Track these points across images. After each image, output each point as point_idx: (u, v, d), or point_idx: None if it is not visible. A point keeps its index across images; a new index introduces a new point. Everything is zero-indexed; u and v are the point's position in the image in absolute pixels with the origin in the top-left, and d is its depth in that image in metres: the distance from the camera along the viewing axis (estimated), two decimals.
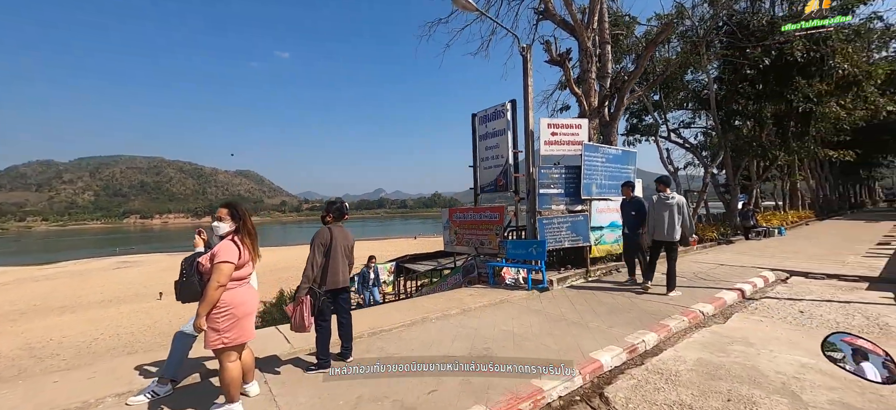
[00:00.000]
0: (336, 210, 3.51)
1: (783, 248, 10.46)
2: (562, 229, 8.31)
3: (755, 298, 5.73)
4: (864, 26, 13.48)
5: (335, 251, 3.36)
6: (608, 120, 9.86)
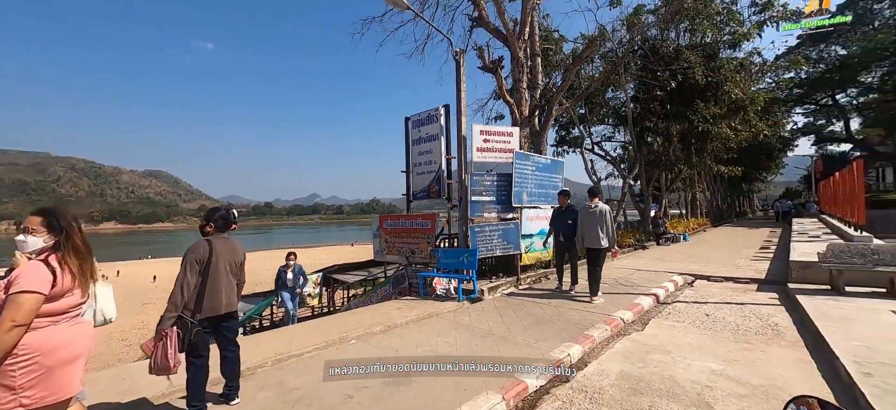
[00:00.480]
0: (219, 218, 2.87)
1: (688, 253, 11.52)
2: (493, 237, 8.22)
3: (668, 302, 6.05)
4: (747, 59, 15.67)
5: (215, 269, 2.72)
6: (538, 130, 10.10)
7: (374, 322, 5.54)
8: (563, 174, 10.01)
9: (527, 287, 8.01)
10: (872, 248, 5.55)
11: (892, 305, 4.84)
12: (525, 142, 9.24)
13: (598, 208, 6.35)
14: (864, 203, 8.63)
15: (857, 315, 4.47)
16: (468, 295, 7.14)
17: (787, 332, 4.35)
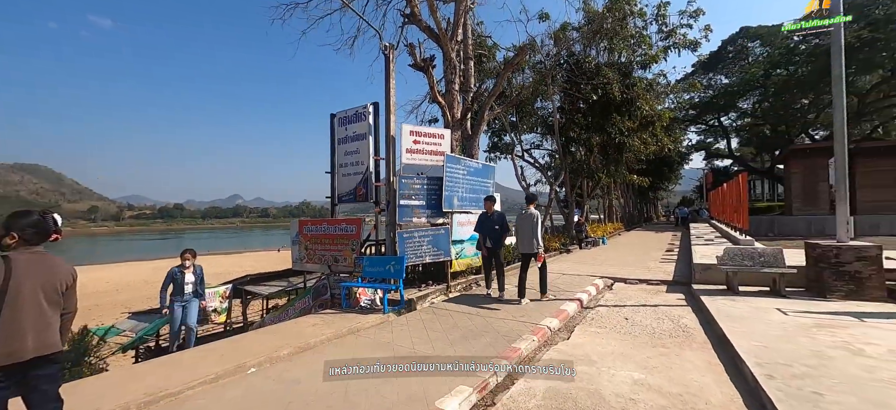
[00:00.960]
0: (28, 226, 2.07)
1: (607, 256, 12.25)
2: (423, 243, 7.84)
3: (591, 306, 6.17)
4: (655, 80, 17.45)
5: (14, 296, 1.94)
6: (471, 133, 9.98)
7: (283, 343, 4.82)
8: (494, 179, 9.99)
9: (457, 294, 7.74)
10: (759, 251, 6.19)
11: (776, 303, 5.38)
12: (457, 146, 9.04)
13: (530, 214, 6.58)
14: (747, 210, 9.83)
15: (751, 314, 4.86)
16: (395, 305, 6.66)
17: (696, 334, 4.57)
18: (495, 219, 7.14)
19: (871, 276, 5.32)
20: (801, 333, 4.08)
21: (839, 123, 5.85)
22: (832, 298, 5.48)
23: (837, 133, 5.88)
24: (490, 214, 7.30)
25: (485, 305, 6.24)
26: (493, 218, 7.19)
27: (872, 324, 4.30)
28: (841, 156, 5.85)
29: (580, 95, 15.32)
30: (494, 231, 7.01)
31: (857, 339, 3.82)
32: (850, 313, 4.77)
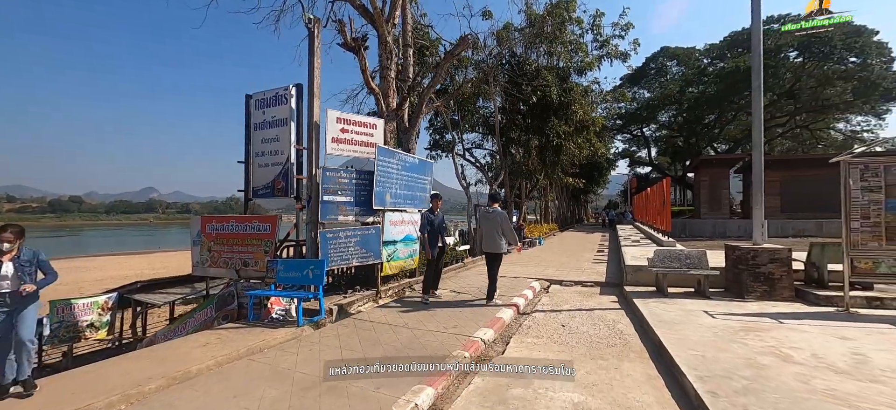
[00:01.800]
0: None
1: (543, 257, 12.30)
2: (350, 244, 7.01)
3: (528, 312, 5.84)
4: (589, 87, 18.23)
5: None
6: (408, 126, 9.30)
7: (155, 372, 3.78)
8: (431, 175, 9.43)
9: (388, 301, 7.04)
10: (686, 253, 6.31)
11: (703, 305, 5.44)
12: (391, 138, 8.32)
13: (494, 213, 6.53)
14: (669, 213, 10.35)
15: (682, 318, 4.79)
16: (313, 316, 5.79)
17: (633, 341, 4.36)
18: (442, 218, 6.90)
19: (782, 277, 5.60)
20: (731, 338, 4.01)
21: (757, 133, 6.15)
22: (750, 298, 5.68)
23: (755, 142, 6.18)
24: (434, 212, 7.04)
25: (416, 313, 5.62)
26: (440, 216, 6.94)
27: (790, 326, 4.40)
28: (758, 163, 6.14)
29: (520, 97, 15.38)
30: (444, 229, 6.84)
31: (782, 343, 3.80)
32: (768, 314, 4.90)
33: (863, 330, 4.21)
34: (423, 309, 5.86)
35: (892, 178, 4.91)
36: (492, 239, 6.36)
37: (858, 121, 33.71)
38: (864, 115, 32.47)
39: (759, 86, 6.04)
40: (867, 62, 26.68)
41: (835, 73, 28.27)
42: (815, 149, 34.87)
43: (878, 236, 4.94)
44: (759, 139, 6.11)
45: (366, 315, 5.78)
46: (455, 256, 11.48)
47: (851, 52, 26.69)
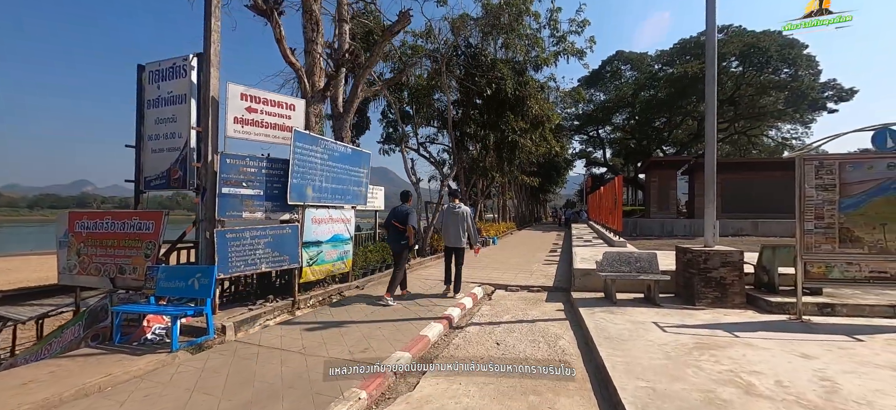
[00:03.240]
0: None
1: (496, 257, 11.66)
2: (258, 246, 5.88)
3: (462, 326, 5.03)
4: (546, 84, 17.92)
5: None
6: (341, 112, 8.22)
7: None
8: (368, 168, 8.42)
9: (308, 311, 5.99)
10: (636, 256, 5.78)
11: (653, 314, 4.88)
12: (317, 123, 7.21)
13: (461, 209, 6.70)
14: (621, 213, 10.02)
15: (630, 332, 4.17)
16: (200, 336, 4.66)
17: (575, 363, 3.65)
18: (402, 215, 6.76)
19: (733, 283, 5.18)
20: (685, 359, 3.40)
21: (710, 132, 5.74)
22: (701, 305, 5.22)
23: (708, 140, 5.77)
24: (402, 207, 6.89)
25: (325, 331, 4.63)
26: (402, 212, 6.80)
27: (746, 341, 3.88)
28: (710, 162, 5.73)
29: (475, 89, 14.67)
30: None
31: (741, 366, 3.23)
32: (722, 326, 4.41)
33: (821, 345, 3.76)
34: (334, 326, 4.87)
35: (848, 176, 4.57)
36: (457, 235, 6.59)
37: (787, 129, 36.45)
38: (793, 124, 35.13)
39: (713, 91, 5.65)
40: (798, 74, 28.69)
41: (770, 83, 30.20)
42: (751, 154, 37.32)
43: (832, 238, 4.58)
44: (712, 134, 5.69)
45: (257, 336, 4.71)
46: None
47: (785, 64, 28.58)
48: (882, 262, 4.50)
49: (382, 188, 11.87)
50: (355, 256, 8.72)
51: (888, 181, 4.49)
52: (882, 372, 3.09)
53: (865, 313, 4.73)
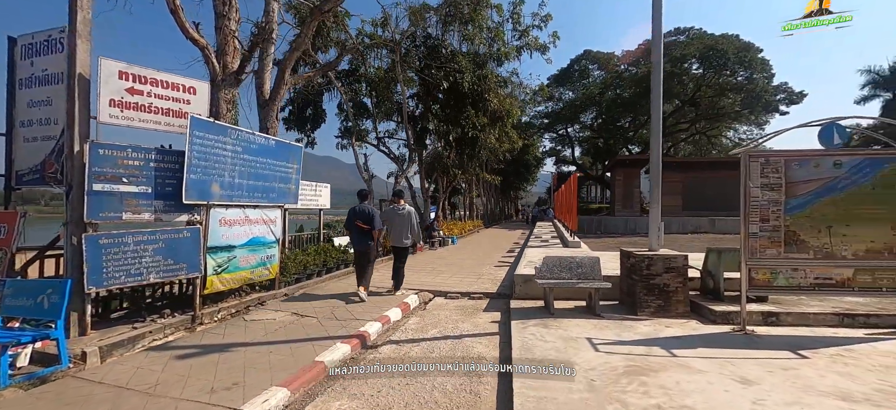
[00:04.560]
0: None
1: (448, 259, 11.07)
2: (144, 253, 4.99)
3: (377, 344, 4.37)
4: (509, 79, 17.52)
5: None
6: (267, 100, 7.34)
7: None
8: (300, 163, 7.59)
9: (211, 326, 5.18)
10: (578, 261, 5.30)
11: (590, 327, 4.38)
12: (229, 110, 6.32)
13: (405, 211, 6.88)
14: (577, 211, 9.64)
15: (558, 352, 3.65)
16: (51, 366, 3.80)
17: (485, 398, 3.05)
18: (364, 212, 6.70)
19: (677, 290, 4.77)
20: (609, 390, 2.88)
21: (655, 134, 5.35)
22: (643, 314, 4.78)
23: (653, 140, 5.37)
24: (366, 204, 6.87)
25: (199, 359, 3.83)
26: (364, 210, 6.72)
27: (683, 361, 3.42)
28: (655, 163, 5.32)
29: (432, 81, 14.00)
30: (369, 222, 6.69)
31: (672, 400, 2.73)
32: (661, 341, 3.95)
33: (764, 365, 3.34)
34: (219, 349, 4.08)
35: (794, 175, 4.21)
36: (399, 235, 6.75)
37: (744, 130, 37.92)
38: (749, 125, 36.56)
39: (659, 93, 5.27)
40: (753, 76, 29.73)
41: (728, 85, 31.18)
42: (711, 154, 38.60)
43: (777, 242, 4.22)
44: (657, 136, 5.29)
45: (147, 356, 3.87)
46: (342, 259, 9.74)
47: (741, 66, 29.54)
48: (827, 268, 4.17)
49: (328, 185, 11.00)
50: (288, 261, 7.89)
51: (834, 180, 4.17)
52: (827, 404, 2.66)
53: (810, 322, 4.41)
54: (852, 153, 4.23)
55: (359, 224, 6.62)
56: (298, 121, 15.81)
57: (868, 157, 4.16)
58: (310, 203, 10.05)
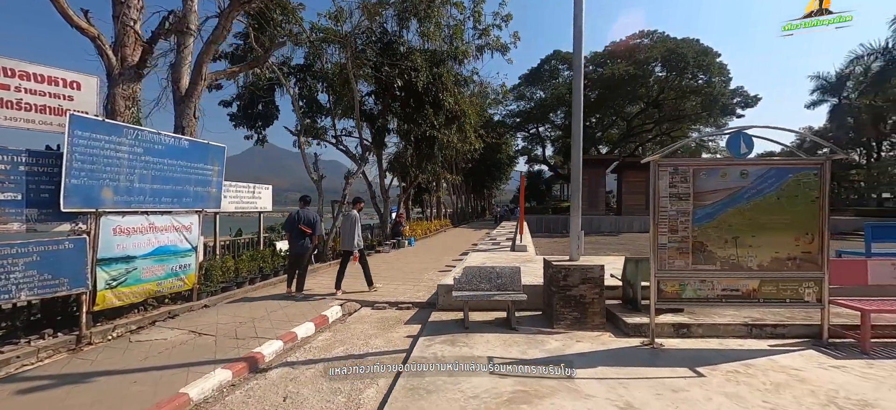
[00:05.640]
0: None
1: (397, 262, 10.76)
2: (14, 268, 4.45)
3: (271, 366, 4.01)
4: (470, 78, 17.28)
5: None
6: (183, 96, 6.79)
7: None
8: (221, 164, 7.09)
9: (101, 346, 4.65)
10: (498, 271, 5.09)
11: (498, 344, 4.18)
12: (128, 107, 5.75)
13: (351, 215, 7.23)
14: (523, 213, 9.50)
15: (449, 379, 3.41)
16: None
17: None
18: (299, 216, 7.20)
19: (593, 301, 4.63)
20: None
21: (576, 138, 5.21)
22: (559, 327, 4.63)
23: (574, 146, 5.21)
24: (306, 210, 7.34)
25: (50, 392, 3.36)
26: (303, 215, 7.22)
27: (576, 383, 3.25)
28: (576, 170, 5.19)
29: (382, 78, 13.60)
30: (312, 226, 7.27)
31: None
32: (564, 358, 3.79)
33: (655, 386, 3.20)
34: (72, 380, 3.61)
35: (703, 185, 4.12)
36: (348, 238, 7.07)
37: (706, 132, 39.31)
38: (709, 127, 37.90)
39: (580, 100, 5.10)
40: (711, 80, 30.77)
41: (688, 88, 32.17)
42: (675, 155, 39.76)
43: (685, 253, 4.13)
44: (578, 140, 5.13)
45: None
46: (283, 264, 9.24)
47: (701, 70, 30.51)
48: (734, 279, 4.11)
49: (269, 187, 10.44)
50: (213, 268, 7.38)
51: (741, 190, 4.11)
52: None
53: (720, 333, 4.36)
54: (759, 163, 4.18)
55: (301, 227, 7.08)
56: (247, 117, 15.04)
57: (774, 167, 4.12)
58: (246, 205, 9.48)
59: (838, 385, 3.20)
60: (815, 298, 4.09)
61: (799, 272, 4.08)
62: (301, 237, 7.10)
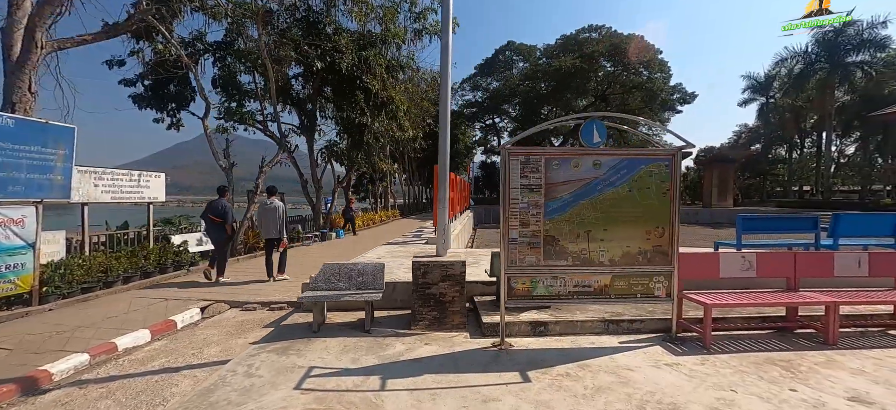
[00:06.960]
0: None
1: (305, 257, 10.16)
2: None
3: (57, 386, 3.38)
4: (407, 64, 16.63)
5: None
6: (15, 65, 5.77)
7: None
8: (70, 149, 6.16)
9: None
10: (359, 269, 4.69)
11: (336, 351, 3.77)
12: None
13: (274, 205, 7.29)
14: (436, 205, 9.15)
15: (240, 398, 2.93)
16: None
17: None
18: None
19: (453, 300, 4.35)
20: None
21: (443, 129, 4.83)
22: (417, 328, 4.32)
23: (442, 136, 4.86)
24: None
25: None
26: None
27: (384, 395, 2.95)
28: (443, 158, 4.84)
29: (302, 59, 12.74)
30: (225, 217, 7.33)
31: None
32: (393, 366, 3.47)
33: (467, 398, 2.92)
34: None
35: (554, 175, 3.89)
36: (271, 228, 7.23)
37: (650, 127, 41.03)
38: (653, 122, 39.60)
39: (447, 96, 4.70)
40: (653, 76, 32.00)
41: (632, 83, 33.31)
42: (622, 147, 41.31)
43: (537, 249, 3.89)
44: (445, 131, 4.78)
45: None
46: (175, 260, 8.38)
47: (643, 66, 31.61)
48: (586, 275, 3.94)
49: (162, 174, 9.41)
50: (71, 267, 6.46)
51: (594, 181, 3.92)
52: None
53: (578, 330, 4.21)
54: (611, 153, 4.01)
55: (212, 217, 7.28)
56: (156, 98, 13.58)
57: (626, 158, 3.97)
58: (128, 196, 8.45)
59: (659, 386, 3.06)
60: (664, 293, 4.00)
61: (650, 267, 3.97)
62: (213, 225, 7.33)
